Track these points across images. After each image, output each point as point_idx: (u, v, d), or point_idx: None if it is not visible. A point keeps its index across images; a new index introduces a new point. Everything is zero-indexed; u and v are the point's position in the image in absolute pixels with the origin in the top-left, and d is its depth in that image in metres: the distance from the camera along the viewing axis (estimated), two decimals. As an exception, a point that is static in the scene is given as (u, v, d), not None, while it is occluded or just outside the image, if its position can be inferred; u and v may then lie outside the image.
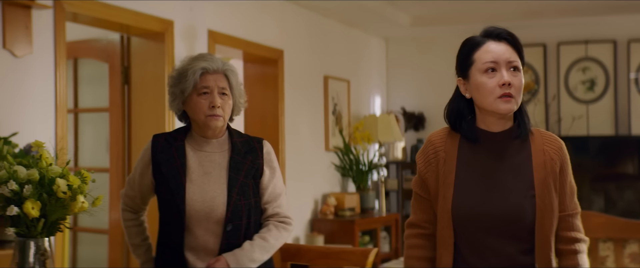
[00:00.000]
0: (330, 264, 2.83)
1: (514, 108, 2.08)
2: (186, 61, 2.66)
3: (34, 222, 2.16)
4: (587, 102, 6.92)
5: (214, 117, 2.62)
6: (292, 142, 5.84)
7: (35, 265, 2.19)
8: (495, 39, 2.12)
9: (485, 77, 2.10)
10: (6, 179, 2.13)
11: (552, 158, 2.14)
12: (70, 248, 5.34)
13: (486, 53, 2.11)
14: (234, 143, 2.69)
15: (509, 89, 2.06)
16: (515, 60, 2.09)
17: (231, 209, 2.60)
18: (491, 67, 2.10)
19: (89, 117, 5.47)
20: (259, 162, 2.69)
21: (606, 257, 4.01)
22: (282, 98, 5.75)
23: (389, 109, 7.58)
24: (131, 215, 2.81)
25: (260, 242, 2.63)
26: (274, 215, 2.71)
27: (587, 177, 6.65)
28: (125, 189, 2.80)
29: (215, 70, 2.63)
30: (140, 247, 2.81)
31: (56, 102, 3.88)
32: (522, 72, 2.12)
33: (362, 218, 6.17)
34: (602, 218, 4.05)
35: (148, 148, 2.72)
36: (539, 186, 2.11)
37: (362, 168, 6.47)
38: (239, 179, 2.63)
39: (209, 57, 2.66)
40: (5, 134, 3.45)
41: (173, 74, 2.68)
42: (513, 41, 2.12)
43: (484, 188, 2.12)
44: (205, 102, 2.60)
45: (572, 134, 6.86)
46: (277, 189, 2.72)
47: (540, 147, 2.14)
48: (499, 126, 2.14)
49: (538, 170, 2.12)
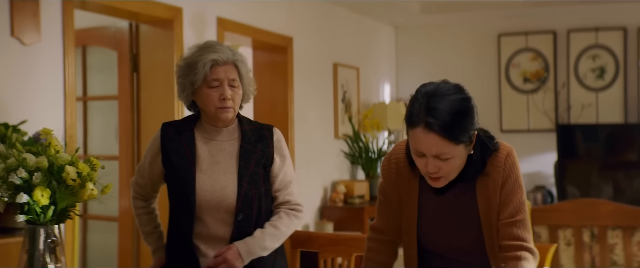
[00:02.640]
0: (340, 251, 2.83)
1: (445, 183, 2.11)
2: (195, 51, 2.61)
3: (44, 209, 2.18)
4: (596, 89, 6.89)
5: (225, 110, 2.59)
6: (301, 130, 5.84)
7: (45, 252, 2.20)
8: (424, 127, 2.01)
9: (416, 158, 2.10)
10: (15, 167, 2.14)
11: (495, 189, 2.16)
12: (81, 236, 5.37)
13: (413, 139, 2.06)
14: (243, 131, 2.67)
15: (436, 174, 2.07)
16: (442, 154, 2.03)
17: (242, 199, 2.60)
18: (419, 153, 2.07)
19: (98, 105, 5.49)
20: (270, 151, 2.67)
21: (615, 244, 4.00)
22: (292, 85, 5.74)
23: (398, 96, 7.57)
24: (142, 203, 2.81)
25: (271, 230, 2.63)
26: (285, 202, 2.70)
27: (596, 165, 6.63)
28: (136, 177, 2.79)
29: (225, 61, 2.59)
30: (152, 235, 2.82)
31: (65, 90, 3.89)
32: (459, 151, 2.06)
33: (372, 205, 6.17)
34: (611, 206, 4.04)
35: (157, 137, 2.71)
36: (485, 224, 2.17)
37: (372, 156, 6.46)
38: (250, 168, 2.62)
39: (219, 48, 2.62)
40: (14, 122, 3.47)
41: (181, 64, 2.63)
42: (442, 126, 2.00)
43: (442, 221, 2.21)
44: (215, 94, 2.57)
45: (582, 122, 6.83)
46: (288, 177, 2.71)
47: (484, 186, 2.16)
48: None
49: (483, 212, 2.17)
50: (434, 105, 2.03)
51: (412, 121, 2.06)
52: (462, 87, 2.16)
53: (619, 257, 3.99)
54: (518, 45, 7.14)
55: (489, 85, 7.26)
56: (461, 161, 2.09)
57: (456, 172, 2.11)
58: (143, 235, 2.83)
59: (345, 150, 6.48)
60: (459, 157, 2.07)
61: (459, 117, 2.03)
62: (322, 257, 2.86)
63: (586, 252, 4.05)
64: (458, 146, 2.04)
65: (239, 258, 2.56)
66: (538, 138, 7.05)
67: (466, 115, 2.05)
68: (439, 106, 2.03)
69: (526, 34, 7.10)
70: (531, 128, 7.10)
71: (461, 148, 2.06)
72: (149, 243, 2.82)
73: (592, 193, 6.40)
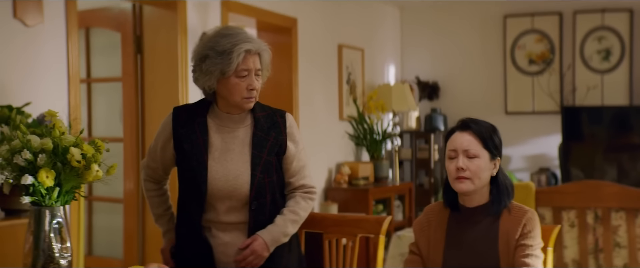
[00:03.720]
0: (344, 232, 2.84)
1: (469, 188, 2.42)
2: (225, 39, 2.54)
3: (49, 190, 2.18)
4: (602, 71, 6.86)
5: (250, 100, 2.58)
6: (306, 111, 5.84)
7: (51, 234, 2.21)
8: (461, 129, 2.47)
9: (449, 162, 2.46)
10: (20, 148, 2.15)
11: (513, 235, 2.41)
12: (86, 217, 5.39)
13: (450, 142, 2.47)
14: (256, 118, 2.65)
15: (463, 173, 2.40)
16: (471, 149, 2.41)
17: (255, 188, 2.59)
18: (452, 155, 2.44)
19: (102, 87, 5.49)
20: (282, 138, 2.66)
21: (618, 226, 4.00)
22: (296, 67, 5.73)
23: (403, 78, 7.55)
24: (153, 185, 2.80)
25: (291, 216, 2.64)
26: (300, 187, 2.71)
27: (601, 148, 6.61)
28: (147, 160, 2.78)
29: (255, 51, 2.56)
30: (163, 217, 2.83)
31: (68, 72, 3.88)
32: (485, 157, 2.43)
33: (376, 187, 6.18)
34: (615, 188, 4.05)
35: (169, 122, 2.68)
36: (503, 260, 2.42)
37: (376, 138, 6.46)
38: (263, 157, 2.61)
39: (250, 37, 2.58)
40: (18, 104, 3.47)
41: (207, 51, 2.55)
42: (477, 130, 2.44)
43: (464, 256, 2.45)
44: (243, 84, 2.54)
45: (587, 104, 6.80)
46: (301, 162, 2.71)
47: (506, 226, 2.43)
48: (472, 202, 2.47)
49: (503, 248, 2.42)
50: (469, 120, 2.50)
51: (450, 131, 2.50)
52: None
53: (622, 239, 4.00)
54: (524, 27, 7.11)
55: (494, 66, 7.23)
56: (485, 170, 2.42)
57: (479, 178, 2.41)
58: (154, 217, 2.84)
59: (350, 131, 6.48)
60: (484, 162, 2.42)
61: (489, 129, 2.48)
62: (327, 238, 2.88)
63: (590, 234, 4.05)
64: (484, 150, 2.43)
65: (266, 248, 2.59)
66: (543, 120, 7.04)
67: (495, 133, 2.49)
68: (474, 120, 2.50)
69: (532, 15, 7.07)
70: (536, 110, 7.08)
71: (486, 155, 2.43)
72: (160, 224, 2.83)
73: (596, 176, 6.39)
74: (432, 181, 7.09)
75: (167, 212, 2.83)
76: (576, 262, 4.09)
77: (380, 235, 2.80)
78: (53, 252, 2.21)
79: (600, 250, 4.04)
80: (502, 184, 2.46)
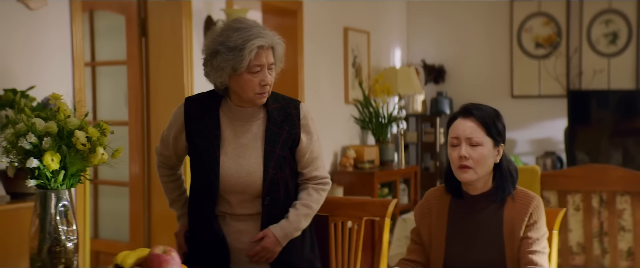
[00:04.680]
0: (350, 214, 2.85)
1: (472, 177, 2.36)
2: (235, 33, 2.46)
3: (54, 174, 2.18)
4: (608, 55, 6.83)
5: (262, 95, 2.53)
6: (311, 95, 5.83)
7: (57, 217, 2.22)
8: (463, 116, 2.39)
9: (451, 150, 2.39)
10: (25, 132, 2.15)
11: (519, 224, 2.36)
12: (92, 201, 5.41)
13: (452, 129, 2.40)
14: (269, 111, 2.60)
15: (466, 161, 2.34)
16: (474, 137, 2.34)
17: (268, 183, 2.56)
18: (454, 142, 2.38)
19: (107, 71, 5.49)
20: (296, 132, 2.61)
21: (623, 210, 4.00)
22: (302, 50, 5.72)
23: (409, 61, 7.53)
24: (167, 171, 2.79)
25: (304, 210, 2.62)
26: (312, 178, 2.68)
27: (606, 132, 6.59)
28: (160, 148, 2.75)
29: (268, 45, 2.50)
30: (177, 202, 2.82)
31: (73, 55, 3.88)
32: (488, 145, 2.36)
33: (382, 170, 6.18)
34: (620, 171, 4.04)
35: (180, 113, 2.64)
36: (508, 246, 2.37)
37: (382, 121, 6.45)
38: (276, 152, 2.57)
39: (262, 31, 2.49)
40: (22, 87, 3.47)
41: (218, 47, 2.47)
42: (480, 116, 2.37)
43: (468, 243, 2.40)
44: (256, 79, 2.48)
45: (593, 88, 6.78)
46: (314, 153, 2.67)
47: (510, 214, 2.37)
48: (476, 190, 2.41)
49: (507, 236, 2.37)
50: (472, 105, 2.42)
51: (452, 117, 2.42)
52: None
53: (627, 222, 4.00)
54: (530, 10, 7.07)
55: (500, 50, 7.21)
56: (488, 157, 2.35)
57: (483, 167, 2.34)
58: (168, 201, 2.83)
59: (356, 115, 6.48)
60: (487, 150, 2.35)
61: (492, 115, 2.40)
62: (332, 221, 2.88)
63: (595, 217, 4.05)
64: (488, 138, 2.35)
65: (277, 244, 2.57)
66: (549, 104, 7.02)
67: (498, 118, 2.41)
68: (477, 106, 2.42)
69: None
70: (542, 93, 7.06)
71: (490, 142, 2.36)
72: (175, 209, 2.82)
73: (602, 160, 6.38)
74: (438, 165, 7.09)
75: (181, 196, 2.82)
76: (581, 246, 4.10)
77: (386, 218, 2.81)
78: (59, 234, 2.21)
79: (605, 234, 4.04)
80: (505, 170, 2.40)
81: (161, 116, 4.70)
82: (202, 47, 2.58)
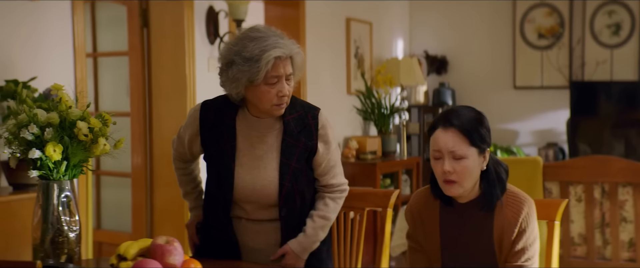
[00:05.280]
0: (352, 205, 2.85)
1: (458, 191, 2.23)
2: (251, 43, 2.37)
3: (57, 164, 2.19)
4: (611, 46, 6.81)
5: (280, 106, 2.44)
6: (313, 85, 5.83)
7: (59, 207, 2.22)
8: (443, 126, 2.22)
9: (434, 163, 2.25)
10: (27, 123, 2.15)
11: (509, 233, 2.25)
12: (94, 192, 5.42)
13: (433, 141, 2.24)
14: (286, 122, 2.51)
15: (450, 176, 2.20)
16: (456, 150, 2.19)
17: (284, 196, 2.52)
18: (437, 155, 2.23)
19: (108, 62, 5.49)
20: (313, 143, 2.54)
21: (625, 201, 4.00)
22: (304, 41, 5.71)
23: (412, 52, 7.52)
24: (182, 164, 2.76)
25: (321, 222, 2.58)
26: (328, 185, 2.62)
27: (608, 123, 6.58)
28: (176, 143, 2.71)
29: (286, 56, 2.40)
30: (191, 194, 2.80)
31: (74, 45, 3.88)
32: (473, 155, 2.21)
33: (384, 161, 6.17)
34: (622, 163, 4.04)
35: (196, 117, 2.57)
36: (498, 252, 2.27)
37: (384, 112, 6.45)
38: (291, 165, 2.50)
39: (280, 41, 2.39)
40: (24, 78, 3.47)
41: (233, 57, 2.39)
42: (460, 125, 2.20)
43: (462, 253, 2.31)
44: (273, 91, 2.40)
45: (596, 79, 6.77)
46: (332, 162, 2.60)
47: (500, 222, 2.26)
48: (464, 198, 2.29)
49: (498, 245, 2.27)
50: (451, 112, 2.25)
51: (432, 126, 2.26)
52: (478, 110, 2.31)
53: (628, 213, 4.00)
54: (533, 0, 7.05)
55: (503, 40, 7.19)
56: (474, 168, 2.21)
57: (469, 179, 2.22)
58: (182, 192, 2.81)
59: (358, 106, 6.47)
60: (472, 161, 2.20)
61: (474, 121, 2.23)
62: (334, 212, 2.87)
63: (596, 208, 4.05)
64: (472, 148, 2.20)
65: (298, 259, 2.55)
66: (551, 95, 7.01)
67: (481, 123, 2.24)
68: (456, 112, 2.24)
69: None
70: (544, 84, 7.05)
71: (474, 153, 2.21)
72: (188, 201, 2.81)
73: (604, 151, 6.37)
74: (440, 156, 7.08)
75: (194, 189, 2.80)
76: (582, 237, 4.10)
77: (388, 209, 2.81)
78: (62, 225, 2.22)
79: (606, 225, 4.04)
80: (492, 175, 2.26)
81: (163, 107, 4.70)
82: (218, 55, 2.51)
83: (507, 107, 7.19)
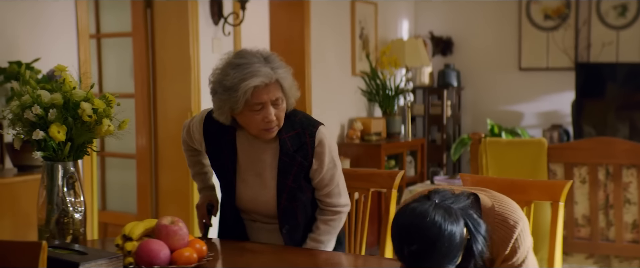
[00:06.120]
0: (357, 186, 2.85)
1: None
2: (230, 73, 2.33)
3: (61, 145, 2.19)
4: (617, 28, 6.77)
5: (269, 131, 2.42)
6: (318, 67, 5.82)
7: (64, 188, 2.23)
8: (400, 258, 1.85)
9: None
10: (30, 104, 2.15)
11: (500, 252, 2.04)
12: (99, 173, 5.43)
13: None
14: (282, 141, 2.47)
15: None
16: None
17: (282, 213, 2.53)
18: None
19: (112, 43, 5.47)
20: (310, 160, 2.49)
21: (629, 182, 4.00)
22: (308, 22, 5.69)
23: (417, 33, 7.49)
24: (191, 151, 2.77)
25: (314, 245, 2.55)
26: (322, 202, 2.57)
27: (613, 105, 6.56)
28: (185, 135, 2.71)
29: (268, 83, 2.33)
30: (198, 175, 2.81)
31: (77, 26, 3.87)
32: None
33: (388, 142, 6.18)
34: (627, 145, 4.03)
35: (200, 129, 2.57)
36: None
37: (389, 93, 6.44)
38: (288, 184, 2.49)
39: (258, 68, 2.32)
40: (27, 60, 3.47)
41: (216, 84, 2.37)
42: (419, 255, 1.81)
43: None
44: (258, 117, 2.37)
45: (601, 61, 6.74)
46: (325, 181, 2.53)
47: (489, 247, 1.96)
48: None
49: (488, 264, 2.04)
50: (406, 239, 1.83)
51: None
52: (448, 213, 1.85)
53: (632, 195, 3.99)
54: (539, -19, 7.02)
55: (509, 21, 7.16)
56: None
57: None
58: (191, 173, 2.82)
59: (363, 87, 6.46)
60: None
61: (434, 248, 1.81)
62: (339, 193, 2.87)
63: (600, 190, 4.05)
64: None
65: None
66: (556, 76, 6.98)
67: (436, 248, 1.81)
68: (411, 238, 1.82)
69: (547, -30, 6.98)
70: (550, 66, 7.02)
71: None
72: (197, 181, 2.82)
73: (609, 133, 6.35)
74: (445, 137, 7.08)
75: (202, 171, 2.80)
76: (586, 218, 4.10)
77: (393, 190, 2.81)
78: (67, 206, 2.23)
79: (610, 206, 4.05)
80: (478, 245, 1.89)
81: (167, 88, 4.70)
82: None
83: (512, 88, 7.17)
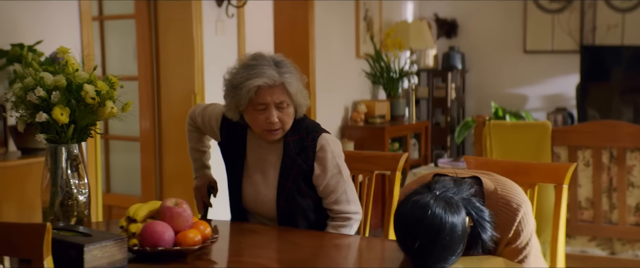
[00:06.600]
0: (361, 168, 2.85)
1: None
2: (240, 72, 2.45)
3: (64, 128, 2.19)
4: (623, 10, 6.73)
5: (271, 132, 2.48)
6: (322, 49, 5.80)
7: (68, 171, 2.23)
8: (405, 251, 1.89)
9: None
10: (33, 86, 2.15)
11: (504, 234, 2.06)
12: (103, 156, 5.45)
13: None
14: (286, 143, 2.54)
15: None
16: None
17: (280, 215, 2.56)
18: None
19: (115, 25, 5.46)
20: (310, 164, 2.53)
21: (633, 166, 3.99)
22: (312, 4, 5.67)
23: (422, 15, 7.46)
24: (195, 131, 2.79)
25: None
26: (331, 210, 2.59)
27: (618, 88, 6.54)
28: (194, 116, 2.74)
29: (271, 85, 2.42)
30: (197, 151, 2.82)
31: (80, 9, 3.86)
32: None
33: (392, 125, 6.17)
34: (631, 128, 4.02)
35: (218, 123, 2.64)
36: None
37: (393, 76, 6.43)
38: (287, 186, 2.53)
39: (265, 70, 2.42)
40: (30, 42, 3.46)
41: (227, 83, 2.49)
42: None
43: None
44: (261, 117, 2.46)
45: (606, 43, 6.71)
46: (331, 187, 2.55)
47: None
48: None
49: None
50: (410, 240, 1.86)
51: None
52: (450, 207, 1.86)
53: (636, 178, 3.99)
54: (544, -37, 6.98)
55: (514, 4, 7.12)
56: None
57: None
58: (189, 147, 2.83)
59: (367, 69, 6.45)
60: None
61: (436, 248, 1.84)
62: (343, 175, 2.88)
63: (604, 173, 4.05)
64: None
65: None
66: (561, 59, 6.96)
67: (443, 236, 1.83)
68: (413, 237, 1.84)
69: (553, -49, 6.93)
70: (555, 49, 7.00)
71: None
72: (194, 158, 2.82)
73: (613, 116, 6.34)
74: (449, 120, 7.08)
75: (201, 148, 2.81)
76: (590, 201, 4.10)
77: (397, 172, 2.80)
78: (71, 188, 2.23)
79: (614, 189, 4.04)
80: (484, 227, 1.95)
81: (171, 70, 4.69)
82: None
83: (517, 71, 7.15)
